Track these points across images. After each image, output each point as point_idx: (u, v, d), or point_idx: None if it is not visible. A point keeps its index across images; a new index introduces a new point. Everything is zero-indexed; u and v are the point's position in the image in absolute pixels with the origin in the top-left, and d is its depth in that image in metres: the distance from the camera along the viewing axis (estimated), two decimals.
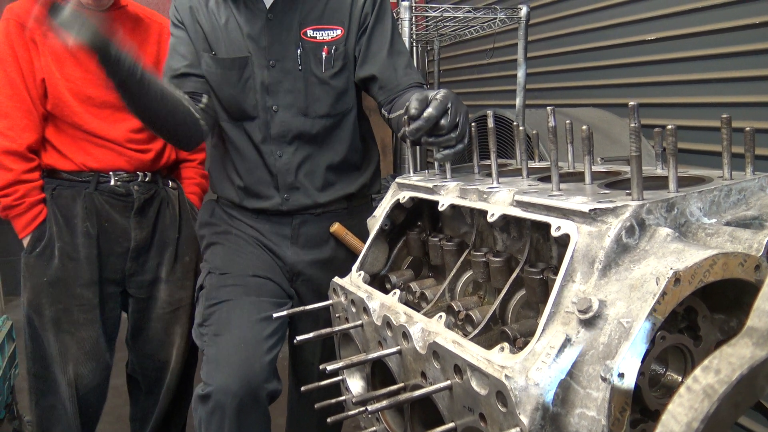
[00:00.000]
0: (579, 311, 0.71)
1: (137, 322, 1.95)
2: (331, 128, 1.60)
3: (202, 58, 1.58)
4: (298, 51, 1.55)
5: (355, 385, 1.17)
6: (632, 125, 0.79)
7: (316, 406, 1.13)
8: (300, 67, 1.55)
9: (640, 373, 0.73)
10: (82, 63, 1.76)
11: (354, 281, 1.14)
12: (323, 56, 1.56)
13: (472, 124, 1.21)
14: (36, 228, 1.79)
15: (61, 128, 1.80)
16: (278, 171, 1.59)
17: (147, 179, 1.88)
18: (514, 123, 1.58)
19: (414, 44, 4.12)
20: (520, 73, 2.72)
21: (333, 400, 1.12)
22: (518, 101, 2.71)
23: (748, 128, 0.91)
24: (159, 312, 1.93)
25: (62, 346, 1.80)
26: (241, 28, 1.56)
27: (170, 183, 1.98)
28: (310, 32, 1.56)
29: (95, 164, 1.81)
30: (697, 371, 0.51)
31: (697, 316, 0.79)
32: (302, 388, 1.12)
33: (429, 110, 1.13)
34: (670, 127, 0.83)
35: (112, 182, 1.83)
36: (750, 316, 0.52)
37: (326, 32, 1.56)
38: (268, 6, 1.55)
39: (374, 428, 1.10)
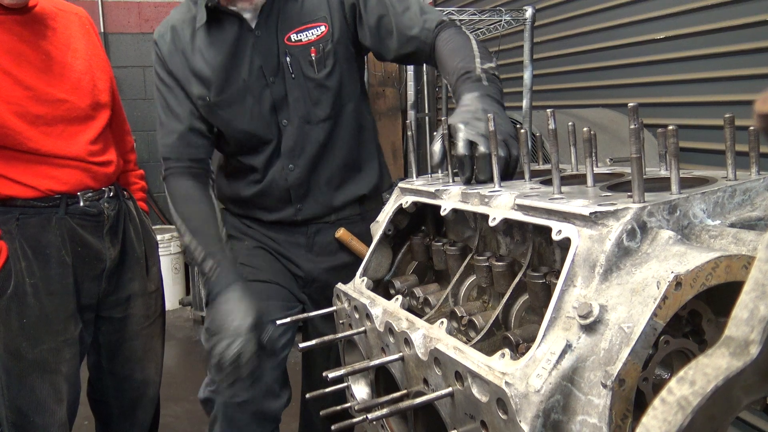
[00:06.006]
0: (580, 316, 0.70)
1: (112, 344, 1.83)
2: (333, 130, 1.56)
3: (200, 108, 1.53)
4: (287, 59, 1.48)
5: (360, 391, 1.17)
6: (632, 126, 0.78)
7: (321, 413, 1.12)
8: (293, 75, 1.49)
9: (644, 379, 0.71)
10: (19, 80, 1.57)
11: (357, 287, 1.14)
12: (313, 58, 1.49)
13: None
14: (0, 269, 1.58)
15: (13, 157, 1.58)
16: (291, 185, 1.56)
17: (112, 194, 1.76)
18: (518, 125, 1.57)
19: None
20: (527, 75, 2.71)
21: (338, 407, 1.12)
22: (525, 103, 2.70)
23: (752, 127, 0.90)
24: (136, 329, 1.84)
25: (53, 387, 1.64)
26: (232, 55, 1.50)
27: (125, 193, 1.86)
28: (293, 36, 1.49)
29: (63, 187, 1.64)
30: (672, 382, 0.49)
31: (702, 319, 0.78)
32: (307, 395, 1.12)
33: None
34: (671, 127, 0.81)
35: (81, 203, 1.68)
36: (728, 325, 0.50)
37: (310, 32, 1.49)
38: (253, 25, 1.49)
39: None
